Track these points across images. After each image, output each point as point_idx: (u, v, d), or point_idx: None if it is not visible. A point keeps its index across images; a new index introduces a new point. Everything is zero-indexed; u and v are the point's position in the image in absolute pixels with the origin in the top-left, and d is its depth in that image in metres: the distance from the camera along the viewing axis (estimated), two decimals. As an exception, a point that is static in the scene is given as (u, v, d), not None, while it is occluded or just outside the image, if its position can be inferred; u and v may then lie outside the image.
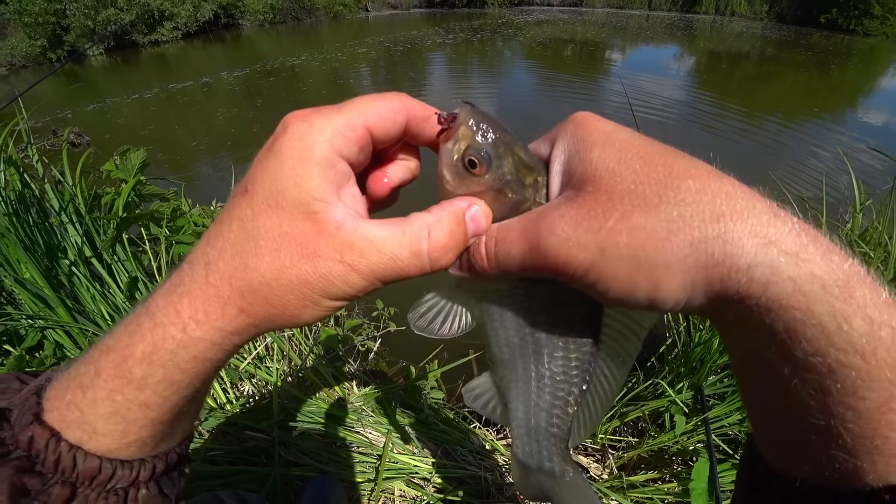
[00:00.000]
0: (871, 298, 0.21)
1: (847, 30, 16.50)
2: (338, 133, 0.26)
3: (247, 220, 0.26)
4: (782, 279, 0.21)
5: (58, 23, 12.75)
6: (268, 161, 0.26)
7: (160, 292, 0.27)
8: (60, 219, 1.44)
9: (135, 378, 0.26)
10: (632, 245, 0.23)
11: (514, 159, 0.28)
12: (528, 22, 16.76)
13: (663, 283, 0.23)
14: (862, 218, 1.61)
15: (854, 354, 0.21)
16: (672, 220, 0.23)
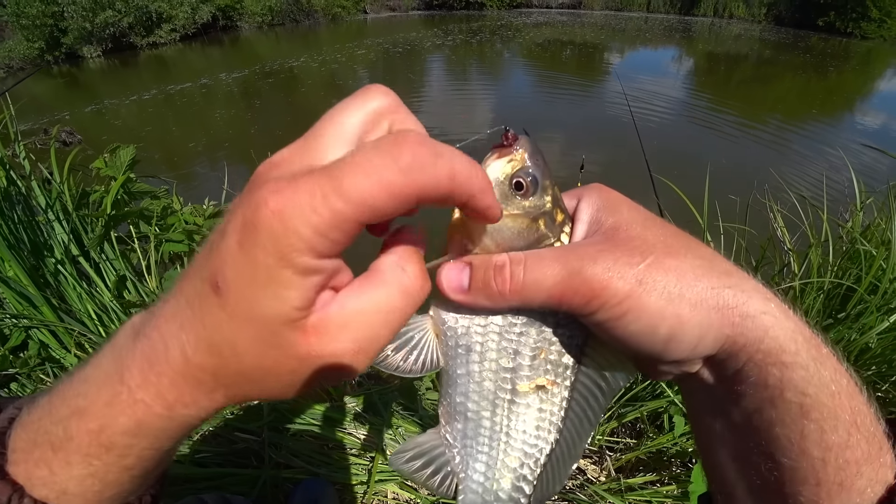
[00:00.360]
0: (827, 353, 0.27)
1: (845, 33, 16.57)
2: (320, 236, 0.20)
3: (223, 325, 0.22)
4: (779, 327, 0.26)
5: (55, 25, 12.75)
6: (239, 262, 0.21)
7: (133, 361, 0.24)
8: (47, 216, 1.41)
9: (116, 447, 0.24)
10: (665, 282, 0.27)
11: (553, 195, 0.30)
12: (526, 24, 16.80)
13: (687, 318, 0.27)
14: (863, 216, 1.60)
15: (826, 394, 0.25)
16: (697, 267, 0.27)
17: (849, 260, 1.35)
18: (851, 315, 1.16)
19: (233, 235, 0.21)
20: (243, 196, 0.22)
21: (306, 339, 0.23)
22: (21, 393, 1.29)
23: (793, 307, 0.28)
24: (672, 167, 4.96)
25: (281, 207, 0.20)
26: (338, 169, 0.21)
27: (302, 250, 0.20)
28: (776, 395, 0.26)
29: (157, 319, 0.23)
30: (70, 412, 0.24)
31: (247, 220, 0.21)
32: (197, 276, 0.22)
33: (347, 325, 0.23)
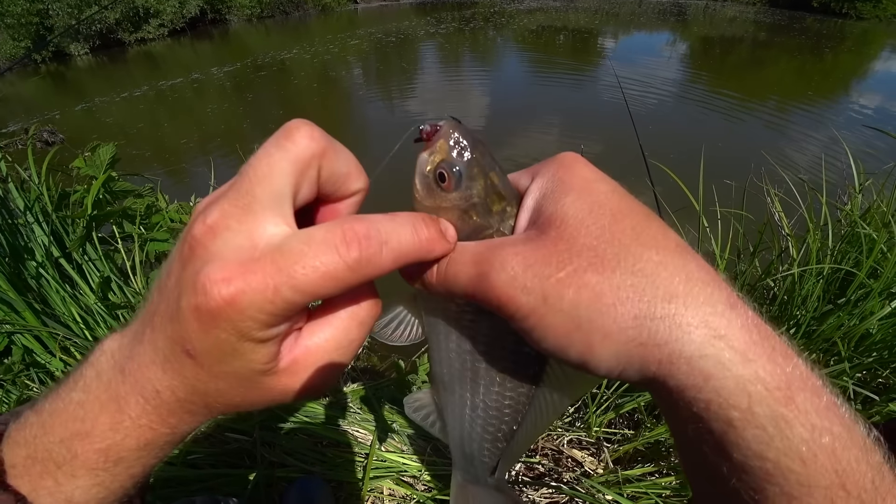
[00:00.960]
0: (812, 404, 0.21)
1: (840, 13, 16.44)
2: (275, 317, 0.22)
3: (203, 378, 0.24)
4: (726, 376, 0.21)
5: (41, 23, 12.57)
6: (203, 338, 0.23)
7: (129, 395, 0.25)
8: (26, 218, 1.38)
9: (126, 460, 0.26)
10: (576, 302, 0.23)
11: (485, 183, 0.27)
12: (519, 10, 16.62)
13: (598, 348, 0.23)
14: (861, 199, 1.57)
15: (794, 460, 0.20)
16: (623, 288, 0.22)
17: (848, 243, 1.33)
18: (852, 301, 1.14)
19: (191, 315, 0.22)
20: (185, 264, 0.23)
21: (279, 380, 0.25)
22: (6, 399, 1.26)
23: (767, 335, 0.22)
24: (668, 150, 4.94)
25: (235, 298, 0.21)
26: (287, 263, 0.22)
27: (259, 328, 0.22)
28: (726, 453, 0.21)
29: (137, 362, 0.25)
30: (70, 434, 0.26)
31: (200, 305, 0.22)
32: (164, 335, 0.24)
33: (313, 362, 0.26)
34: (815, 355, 1.12)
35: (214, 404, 0.26)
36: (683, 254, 0.24)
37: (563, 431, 1.50)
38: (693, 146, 5.19)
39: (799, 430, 0.20)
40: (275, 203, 0.23)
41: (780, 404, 0.20)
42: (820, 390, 0.21)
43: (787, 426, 0.20)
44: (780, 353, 0.21)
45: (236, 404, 0.26)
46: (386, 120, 7.14)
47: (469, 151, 0.27)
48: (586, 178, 0.26)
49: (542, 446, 1.50)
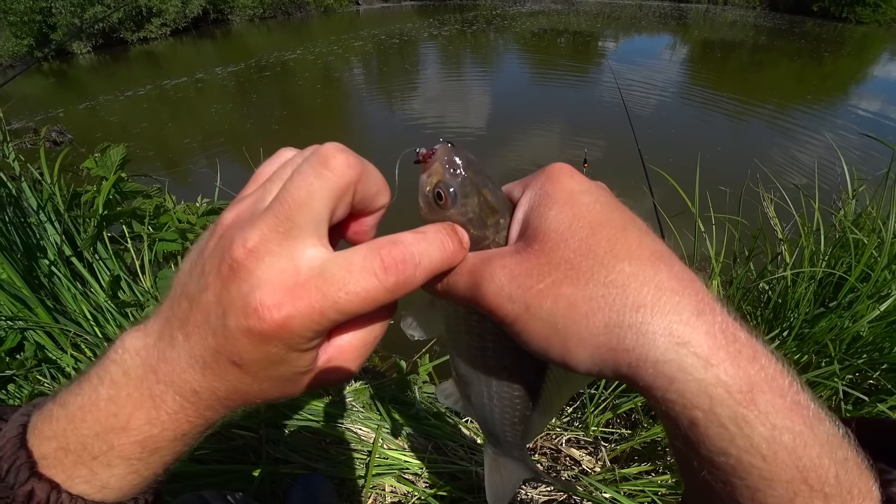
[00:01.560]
0: (774, 404, 0.22)
1: (840, 18, 16.50)
2: (320, 335, 0.26)
3: (247, 381, 0.27)
4: (688, 379, 0.23)
5: (44, 21, 12.59)
6: (254, 352, 0.25)
7: (165, 395, 0.27)
8: (39, 218, 1.41)
9: (162, 450, 0.28)
10: (553, 312, 0.25)
11: (479, 199, 0.30)
12: (520, 13, 16.66)
13: (574, 352, 0.25)
14: (856, 204, 1.60)
15: (755, 456, 0.22)
16: (595, 298, 0.25)
17: (841, 248, 1.36)
18: (843, 303, 1.17)
19: (241, 335, 0.24)
20: (227, 283, 0.24)
21: (314, 376, 0.29)
22: (19, 395, 1.29)
23: (734, 339, 0.23)
24: (668, 154, 4.98)
25: (287, 322, 0.24)
26: (332, 289, 0.24)
27: (306, 343, 0.25)
28: (694, 448, 0.24)
29: (171, 366, 0.26)
30: (105, 429, 0.27)
31: (253, 328, 0.24)
32: (205, 344, 0.25)
33: (344, 359, 0.29)
34: (808, 357, 1.15)
35: (253, 399, 0.28)
36: (656, 263, 0.25)
37: (561, 431, 1.52)
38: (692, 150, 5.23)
39: (760, 430, 0.22)
40: (314, 228, 0.25)
41: (741, 405, 0.22)
42: (784, 391, 0.23)
43: (748, 426, 0.22)
44: (746, 357, 0.23)
45: (274, 397, 0.29)
46: (388, 121, 7.17)
47: (462, 171, 0.30)
48: (571, 190, 0.28)
49: (541, 445, 1.53)
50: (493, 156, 5.52)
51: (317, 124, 7.02)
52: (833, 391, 1.12)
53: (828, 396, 1.19)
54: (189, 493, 0.84)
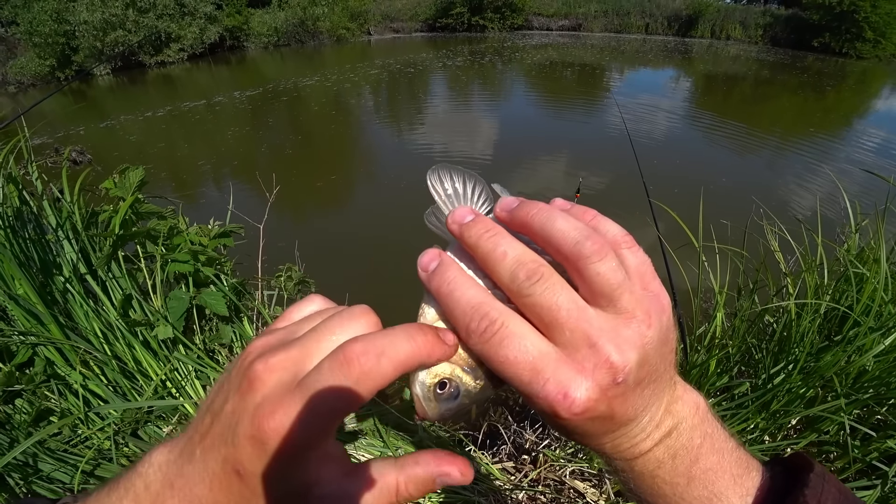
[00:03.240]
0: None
1: (840, 53, 16.83)
2: (318, 435, 0.27)
3: (247, 497, 0.27)
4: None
5: (67, 43, 13.06)
6: (255, 460, 0.27)
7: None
8: (57, 235, 1.44)
9: None
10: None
11: (481, 392, 0.32)
12: (527, 46, 17.11)
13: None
14: (859, 238, 1.61)
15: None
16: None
17: (845, 282, 1.37)
18: (848, 337, 1.17)
19: (244, 438, 0.27)
20: (245, 395, 0.28)
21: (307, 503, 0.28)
22: (26, 409, 1.30)
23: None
24: (672, 185, 5.03)
25: (278, 429, 0.26)
26: (307, 394, 0.26)
27: (304, 449, 0.26)
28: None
29: (186, 479, 0.28)
30: None
31: (255, 435, 0.26)
32: (218, 455, 0.28)
33: (337, 500, 0.28)
34: (813, 391, 1.15)
35: None
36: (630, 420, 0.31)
37: (565, 462, 1.51)
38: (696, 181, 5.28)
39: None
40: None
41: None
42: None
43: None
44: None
45: None
46: (399, 146, 7.31)
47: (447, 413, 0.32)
48: None
49: (545, 477, 1.51)
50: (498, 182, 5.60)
51: (330, 150, 7.17)
52: (839, 426, 1.12)
53: (834, 431, 1.18)
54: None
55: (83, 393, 1.30)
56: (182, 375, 1.45)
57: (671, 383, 0.32)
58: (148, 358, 1.41)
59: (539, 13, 21.01)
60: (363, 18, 18.84)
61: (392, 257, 3.76)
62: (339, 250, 4.08)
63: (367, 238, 4.32)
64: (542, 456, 1.53)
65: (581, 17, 20.96)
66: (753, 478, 0.32)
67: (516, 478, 1.51)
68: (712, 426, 0.33)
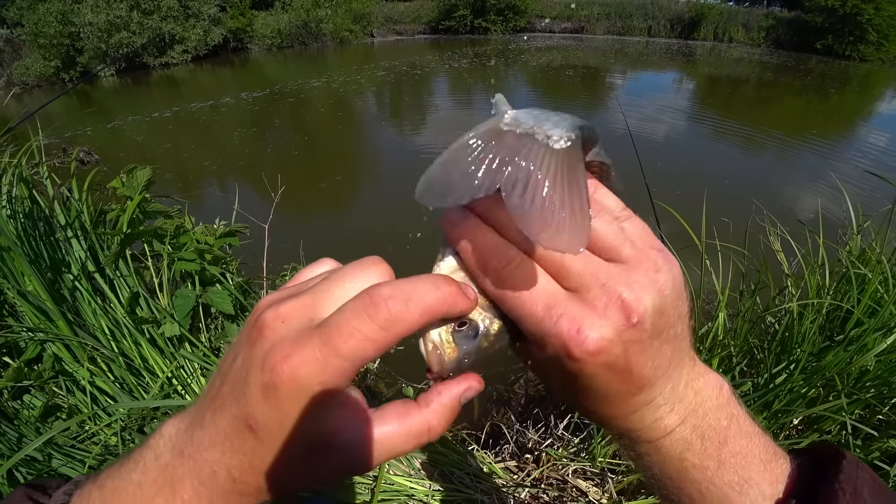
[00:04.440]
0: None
1: (843, 55, 16.81)
2: (332, 378, 0.25)
3: (261, 451, 0.27)
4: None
5: (71, 45, 13.14)
6: (267, 409, 0.26)
7: (185, 479, 0.28)
8: (66, 234, 1.46)
9: None
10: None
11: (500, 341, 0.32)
12: (530, 48, 17.14)
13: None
14: (861, 240, 1.62)
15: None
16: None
17: (847, 283, 1.37)
18: (850, 337, 1.18)
19: (256, 388, 0.25)
20: (254, 344, 0.27)
21: (332, 455, 0.27)
22: (33, 405, 1.31)
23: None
24: (675, 187, 5.03)
25: (294, 373, 0.25)
26: (330, 335, 0.25)
27: (319, 394, 0.25)
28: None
29: (196, 445, 0.28)
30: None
31: (267, 382, 0.25)
32: (229, 415, 0.27)
33: (364, 450, 0.27)
34: (815, 391, 1.15)
35: (266, 484, 0.27)
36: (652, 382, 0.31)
37: (567, 461, 1.51)
38: (699, 182, 5.28)
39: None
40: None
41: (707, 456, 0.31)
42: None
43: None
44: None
45: (286, 481, 0.27)
46: (402, 150, 7.33)
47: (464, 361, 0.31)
48: None
49: (547, 476, 1.52)
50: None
51: (335, 151, 7.19)
52: (841, 426, 1.12)
53: (836, 431, 1.19)
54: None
55: (90, 389, 1.31)
56: (188, 373, 1.46)
57: (691, 355, 0.31)
58: (154, 355, 1.42)
59: (541, 15, 21.06)
60: (366, 21, 18.89)
61: (396, 258, 3.75)
62: (343, 251, 4.02)
63: (372, 239, 4.34)
64: (544, 455, 1.54)
65: (584, 19, 20.99)
66: (782, 465, 0.32)
67: (519, 476, 1.52)
68: (737, 409, 0.32)
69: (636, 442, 0.32)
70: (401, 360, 2.25)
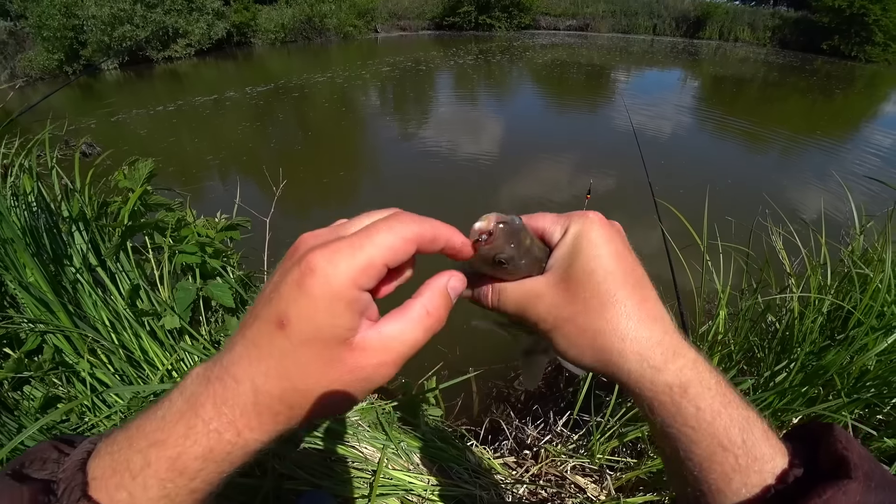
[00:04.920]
0: (700, 394, 0.34)
1: (849, 56, 16.71)
2: (361, 274, 0.28)
3: (289, 351, 0.28)
4: (648, 382, 0.35)
5: (75, 38, 13.13)
6: (301, 300, 0.28)
7: (207, 399, 0.29)
8: (69, 226, 1.46)
9: (188, 471, 0.28)
10: (571, 333, 0.37)
11: (528, 259, 0.38)
12: (534, 45, 17.07)
13: (580, 359, 0.38)
14: (863, 240, 1.61)
15: (686, 426, 0.34)
16: (597, 330, 0.36)
17: (849, 283, 1.37)
18: (850, 337, 1.17)
19: (291, 284, 0.28)
20: (292, 255, 0.30)
21: (353, 355, 0.30)
22: (32, 396, 1.32)
23: (679, 352, 0.35)
24: (679, 185, 5.02)
25: (330, 257, 0.28)
26: (366, 229, 0.30)
27: (350, 288, 0.28)
28: (653, 419, 0.36)
29: (224, 364, 0.29)
30: (149, 444, 0.28)
31: (302, 270, 0.28)
32: (258, 321, 0.29)
33: (382, 346, 0.30)
34: (815, 390, 1.15)
35: (289, 395, 0.28)
36: (640, 307, 0.36)
37: (566, 458, 1.52)
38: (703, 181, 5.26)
39: (690, 409, 0.34)
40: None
41: (678, 395, 0.34)
42: (710, 385, 0.34)
43: (682, 407, 0.34)
44: (686, 366, 0.35)
45: (308, 394, 0.29)
46: (405, 146, 7.32)
47: (513, 244, 0.37)
48: (596, 242, 0.37)
49: (546, 472, 1.52)
50: (505, 182, 5.60)
51: (338, 146, 7.18)
52: (842, 425, 1.12)
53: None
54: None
55: (91, 381, 1.32)
56: (188, 366, 1.46)
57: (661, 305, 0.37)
58: (154, 348, 1.43)
59: (547, 13, 20.96)
60: (370, 16, 18.84)
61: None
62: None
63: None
64: (543, 451, 1.54)
65: (588, 17, 20.89)
66: (778, 443, 0.34)
67: (518, 472, 1.52)
68: (730, 389, 0.36)
69: (642, 376, 0.36)
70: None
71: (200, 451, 0.28)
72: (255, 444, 0.30)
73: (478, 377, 2.16)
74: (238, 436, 0.29)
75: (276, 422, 0.29)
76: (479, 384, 2.26)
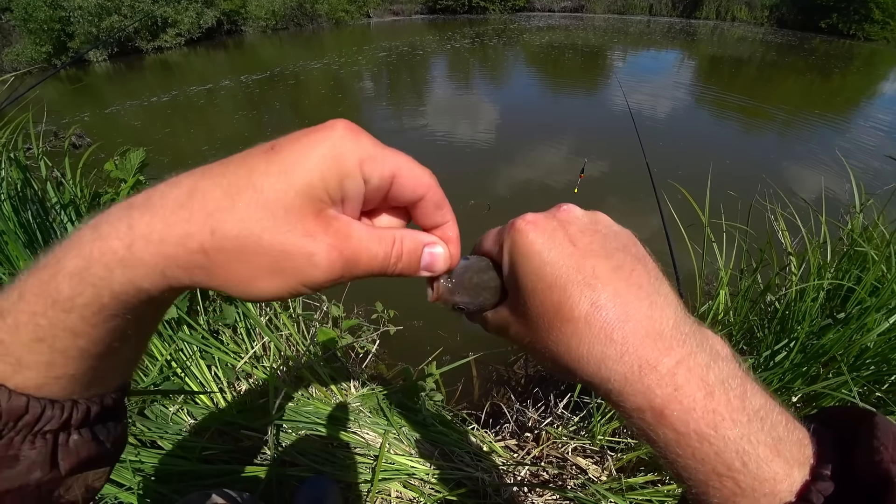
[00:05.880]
0: (678, 414, 0.27)
1: (847, 34, 16.53)
2: (373, 159, 0.27)
3: (257, 172, 0.25)
4: (611, 402, 0.30)
5: (63, 30, 12.90)
6: (306, 142, 0.26)
7: (117, 206, 0.24)
8: (60, 217, 1.44)
9: (61, 297, 0.23)
10: (536, 351, 0.33)
11: (487, 293, 0.37)
12: (529, 28, 16.84)
13: (551, 369, 0.34)
14: (863, 218, 1.61)
15: (667, 451, 0.28)
16: (552, 350, 0.32)
17: (849, 261, 1.36)
18: (852, 315, 1.17)
19: (311, 129, 0.28)
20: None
21: (315, 220, 0.26)
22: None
23: (653, 370, 0.29)
24: (678, 166, 4.99)
25: (357, 131, 0.28)
26: (394, 149, 0.30)
27: (357, 159, 0.27)
28: (645, 441, 0.32)
29: (173, 178, 0.26)
30: (29, 272, 0.24)
31: (327, 126, 0.28)
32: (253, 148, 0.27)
33: (344, 232, 0.27)
34: (815, 368, 1.15)
35: (223, 217, 0.24)
36: (588, 321, 0.30)
37: (567, 440, 1.52)
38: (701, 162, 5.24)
39: (669, 435, 0.28)
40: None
41: (656, 421, 0.28)
42: (694, 406, 0.27)
43: (660, 433, 0.28)
44: (662, 384, 0.28)
45: (248, 229, 0.24)
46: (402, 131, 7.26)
47: (466, 294, 0.37)
48: (528, 252, 0.32)
49: (547, 454, 1.53)
50: (501, 169, 5.56)
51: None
52: (841, 403, 1.12)
53: (836, 408, 1.19)
54: (196, 492, 0.86)
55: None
56: (186, 355, 1.46)
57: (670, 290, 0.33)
58: (153, 338, 1.42)
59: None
60: (362, 1, 18.53)
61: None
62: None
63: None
64: (544, 434, 1.55)
65: (584, -2, 20.59)
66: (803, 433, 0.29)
67: (519, 455, 1.54)
68: (727, 398, 0.30)
69: (648, 362, 0.32)
70: (403, 342, 2.25)
71: (76, 264, 0.23)
72: (142, 271, 0.23)
73: (478, 361, 2.17)
74: (128, 248, 0.23)
75: (183, 244, 0.23)
76: (479, 368, 2.27)
